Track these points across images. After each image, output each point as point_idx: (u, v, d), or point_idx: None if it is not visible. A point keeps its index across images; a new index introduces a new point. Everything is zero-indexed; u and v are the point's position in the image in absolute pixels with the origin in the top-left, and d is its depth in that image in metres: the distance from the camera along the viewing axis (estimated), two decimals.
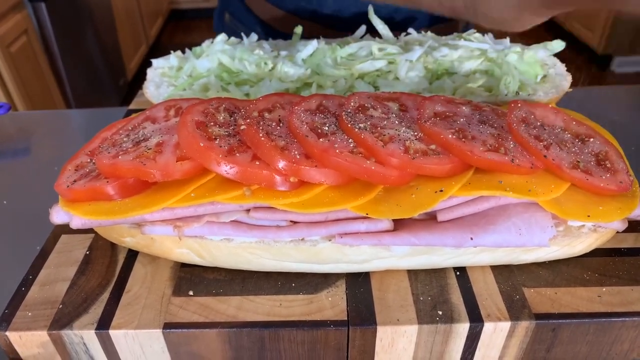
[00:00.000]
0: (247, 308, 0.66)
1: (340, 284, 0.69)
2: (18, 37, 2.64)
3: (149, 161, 0.64)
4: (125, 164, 0.64)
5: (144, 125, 0.74)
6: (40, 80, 2.87)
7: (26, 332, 0.63)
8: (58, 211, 0.68)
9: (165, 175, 0.63)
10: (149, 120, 0.75)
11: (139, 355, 0.66)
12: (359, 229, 0.65)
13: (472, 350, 0.66)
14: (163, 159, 0.65)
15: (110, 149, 0.68)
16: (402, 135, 0.67)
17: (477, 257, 0.68)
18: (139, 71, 4.60)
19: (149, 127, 0.73)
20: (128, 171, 0.64)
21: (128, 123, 0.75)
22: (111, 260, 0.73)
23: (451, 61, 0.96)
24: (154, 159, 0.65)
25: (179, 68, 1.03)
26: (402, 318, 0.64)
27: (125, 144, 0.69)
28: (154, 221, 0.66)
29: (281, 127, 0.69)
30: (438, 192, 0.63)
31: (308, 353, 0.66)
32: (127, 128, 0.74)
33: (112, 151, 0.67)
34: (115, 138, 0.71)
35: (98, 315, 0.65)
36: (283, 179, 0.63)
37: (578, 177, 0.65)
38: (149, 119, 0.75)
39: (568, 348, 0.67)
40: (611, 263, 0.71)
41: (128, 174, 0.64)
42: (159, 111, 0.77)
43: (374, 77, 0.96)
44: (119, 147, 0.68)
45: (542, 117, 0.75)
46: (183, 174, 0.64)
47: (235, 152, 0.64)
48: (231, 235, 0.67)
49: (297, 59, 0.99)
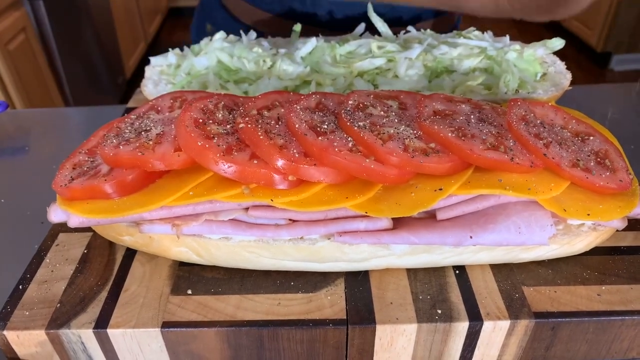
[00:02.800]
0: (246, 307, 0.65)
1: (340, 283, 0.68)
2: (16, 35, 2.63)
3: (147, 151, 0.65)
4: (124, 154, 0.65)
5: (149, 115, 0.75)
6: (38, 78, 2.86)
7: (24, 331, 0.63)
8: (56, 210, 0.67)
9: (163, 165, 0.64)
10: (154, 110, 0.76)
11: (137, 354, 0.66)
12: (358, 228, 0.65)
13: (471, 348, 0.66)
14: (161, 149, 0.65)
15: (114, 139, 0.69)
16: (401, 133, 0.67)
17: (476, 255, 0.68)
18: (138, 69, 4.59)
19: (152, 117, 0.74)
20: (128, 161, 0.64)
21: (133, 112, 0.76)
22: (109, 258, 0.73)
23: (450, 59, 0.96)
24: (152, 149, 0.65)
25: (177, 66, 1.03)
26: (401, 317, 0.63)
27: (128, 134, 0.70)
28: (152, 220, 0.66)
29: (280, 126, 0.69)
30: (437, 190, 0.63)
31: (307, 352, 0.66)
32: (132, 117, 0.75)
33: (115, 141, 0.68)
34: (120, 127, 0.72)
35: (96, 314, 0.64)
36: (282, 178, 0.63)
37: (578, 175, 0.65)
38: (154, 108, 0.76)
39: (567, 346, 0.67)
40: (611, 261, 0.71)
41: (128, 163, 0.64)
42: (164, 101, 0.77)
43: (373, 75, 0.96)
44: (121, 137, 0.69)
45: (542, 116, 0.75)
46: (181, 164, 0.64)
47: (234, 151, 0.64)
48: (230, 234, 0.67)
49: (296, 56, 0.98)
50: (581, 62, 4.49)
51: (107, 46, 3.92)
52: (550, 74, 0.96)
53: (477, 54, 0.96)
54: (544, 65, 0.97)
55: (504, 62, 0.94)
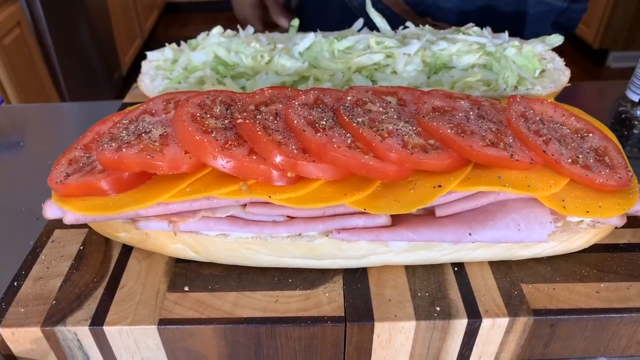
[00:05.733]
0: (244, 304, 0.65)
1: (338, 280, 0.68)
2: (11, 29, 2.60)
3: (156, 154, 0.63)
4: (131, 157, 0.62)
5: (143, 118, 0.73)
6: (33, 73, 2.84)
7: (19, 328, 0.62)
8: (51, 206, 0.67)
9: (172, 168, 0.62)
10: (148, 114, 0.74)
11: (133, 351, 0.66)
12: (357, 225, 0.64)
13: (470, 346, 0.66)
14: (171, 151, 0.64)
15: (111, 143, 0.67)
16: (400, 130, 0.67)
17: (475, 252, 0.67)
18: (134, 65, 4.56)
19: (148, 120, 0.72)
20: (135, 164, 0.62)
21: (125, 116, 0.74)
22: (105, 255, 0.72)
23: (449, 55, 0.95)
24: (161, 151, 0.64)
25: (174, 61, 1.02)
26: (399, 314, 0.63)
27: (126, 137, 0.68)
28: (149, 216, 0.65)
29: (278, 121, 0.68)
30: (436, 187, 0.63)
31: (305, 349, 0.66)
32: (124, 122, 0.72)
33: (113, 145, 0.66)
34: (114, 132, 0.70)
35: (92, 311, 0.64)
36: (280, 174, 0.62)
37: (577, 172, 0.64)
38: (147, 112, 0.74)
39: (566, 344, 0.67)
40: (609, 259, 0.70)
41: (134, 167, 0.63)
42: (156, 104, 0.75)
43: (372, 71, 0.95)
44: (119, 141, 0.67)
45: (541, 112, 0.74)
46: (191, 167, 0.63)
47: (232, 146, 0.63)
48: (227, 231, 0.66)
49: (294, 52, 0.98)
50: (578, 59, 4.50)
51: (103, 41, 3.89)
52: (549, 70, 0.95)
53: (476, 50, 0.96)
54: (543, 61, 0.97)
55: (503, 59, 0.93)
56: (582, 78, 4.23)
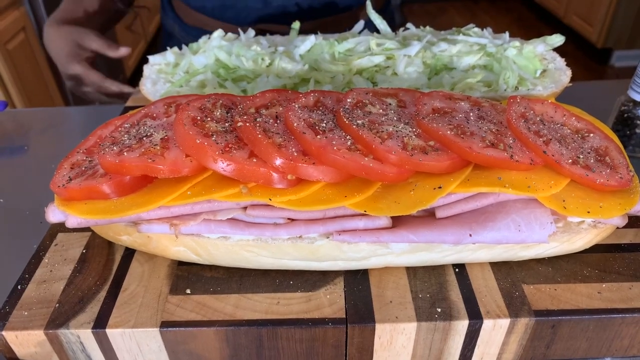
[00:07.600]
0: (245, 306, 0.65)
1: (339, 282, 0.68)
2: (16, 34, 2.62)
3: (158, 157, 0.63)
4: (132, 161, 0.63)
5: (144, 122, 0.73)
6: (38, 77, 2.86)
7: (22, 331, 0.63)
8: (54, 210, 0.67)
9: (173, 171, 0.63)
10: (149, 117, 0.74)
11: (136, 354, 0.66)
12: (357, 226, 0.65)
13: (471, 347, 0.66)
14: (172, 155, 0.64)
15: (112, 147, 0.67)
16: (400, 131, 0.67)
17: (476, 253, 0.67)
18: (138, 68, 4.58)
19: (149, 123, 0.73)
20: (136, 168, 0.63)
21: (126, 120, 0.74)
22: (108, 258, 0.72)
23: (450, 56, 0.95)
24: (162, 154, 0.64)
25: (175, 64, 1.03)
26: (400, 315, 0.63)
27: (127, 141, 0.68)
28: (151, 219, 0.66)
29: (278, 124, 0.68)
30: (437, 188, 0.63)
31: (306, 351, 0.66)
32: (126, 126, 0.73)
33: (115, 149, 0.66)
34: (115, 136, 0.71)
35: (95, 314, 0.64)
36: (280, 177, 0.62)
37: (578, 172, 0.64)
38: (149, 115, 0.75)
39: (568, 344, 0.66)
40: (611, 259, 0.70)
41: (135, 170, 0.63)
42: (158, 108, 0.76)
43: (372, 73, 0.95)
44: (121, 145, 0.67)
45: (542, 113, 0.74)
46: (192, 170, 0.63)
47: (232, 149, 0.64)
48: (228, 233, 0.67)
49: (295, 54, 0.98)
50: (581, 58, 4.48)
51: None
52: (550, 70, 0.95)
53: (477, 51, 0.96)
54: (544, 62, 0.97)
55: (504, 59, 0.93)
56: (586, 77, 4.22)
